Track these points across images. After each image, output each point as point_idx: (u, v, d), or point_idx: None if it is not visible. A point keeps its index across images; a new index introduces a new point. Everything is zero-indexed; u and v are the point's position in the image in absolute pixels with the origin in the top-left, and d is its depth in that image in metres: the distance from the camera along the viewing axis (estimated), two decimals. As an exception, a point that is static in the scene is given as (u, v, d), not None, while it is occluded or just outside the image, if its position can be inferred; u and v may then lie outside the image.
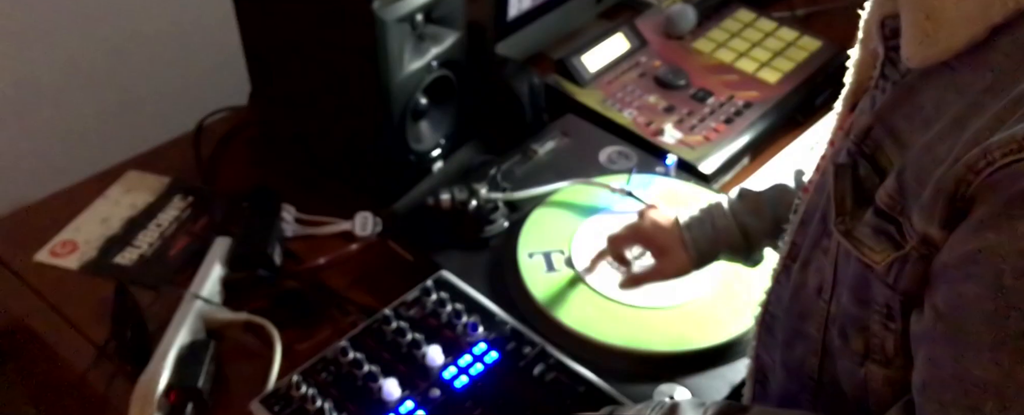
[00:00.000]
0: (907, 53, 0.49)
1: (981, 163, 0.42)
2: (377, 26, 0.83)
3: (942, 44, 0.47)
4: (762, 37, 1.20)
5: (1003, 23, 0.45)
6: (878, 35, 0.53)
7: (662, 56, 1.16)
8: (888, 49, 0.53)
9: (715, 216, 0.79)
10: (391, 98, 0.89)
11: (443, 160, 1.02)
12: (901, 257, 0.48)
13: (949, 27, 0.46)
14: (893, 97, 0.51)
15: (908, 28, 0.49)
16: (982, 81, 0.45)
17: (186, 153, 1.06)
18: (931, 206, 0.45)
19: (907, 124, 0.50)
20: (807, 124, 1.12)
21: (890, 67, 0.53)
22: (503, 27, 1.08)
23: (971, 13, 0.45)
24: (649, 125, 1.06)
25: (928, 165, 0.46)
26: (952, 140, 0.45)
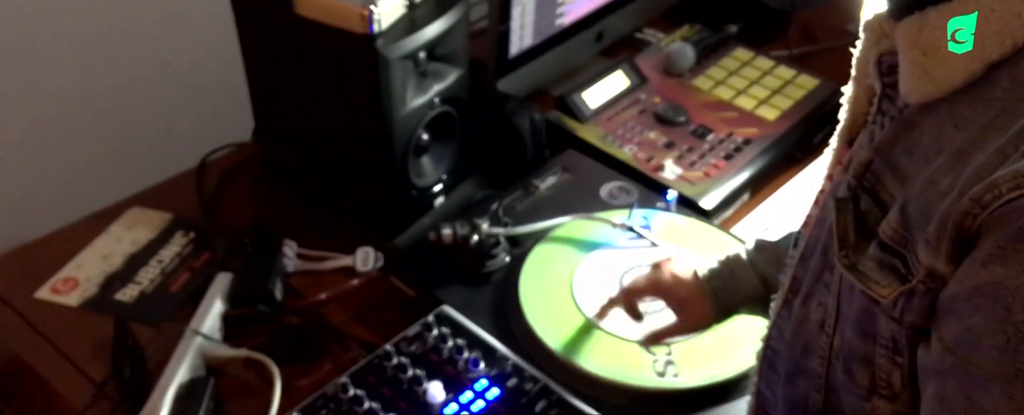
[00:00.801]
0: (906, 89, 0.50)
1: (987, 197, 0.42)
2: (380, 64, 0.84)
3: (941, 81, 0.47)
4: (760, 75, 1.22)
5: (1001, 60, 0.45)
6: (875, 71, 0.54)
7: (662, 93, 1.17)
8: (885, 85, 0.53)
9: (735, 268, 0.78)
10: (393, 134, 0.90)
11: (445, 195, 1.02)
12: (908, 291, 0.48)
13: (947, 64, 0.47)
14: (892, 132, 0.52)
15: (906, 65, 0.49)
16: (982, 116, 0.45)
17: (189, 189, 1.06)
18: (937, 240, 0.45)
19: (907, 158, 0.50)
20: (806, 161, 1.12)
21: (887, 102, 0.54)
22: (504, 64, 1.10)
23: (968, 51, 0.46)
24: (649, 161, 1.07)
25: (932, 199, 0.46)
26: (954, 174, 0.45)
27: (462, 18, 0.91)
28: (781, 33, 1.34)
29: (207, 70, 1.40)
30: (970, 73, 0.46)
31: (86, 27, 1.29)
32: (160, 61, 1.39)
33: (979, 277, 0.42)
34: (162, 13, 1.36)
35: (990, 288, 0.42)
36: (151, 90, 1.40)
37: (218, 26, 1.07)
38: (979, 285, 0.42)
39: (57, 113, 1.32)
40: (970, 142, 0.45)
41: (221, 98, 1.25)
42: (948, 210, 0.44)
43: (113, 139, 1.39)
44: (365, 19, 0.83)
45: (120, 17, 1.32)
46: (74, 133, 1.35)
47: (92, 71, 1.33)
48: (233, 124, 1.12)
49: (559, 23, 1.16)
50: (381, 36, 0.84)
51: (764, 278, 0.77)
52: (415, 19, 0.88)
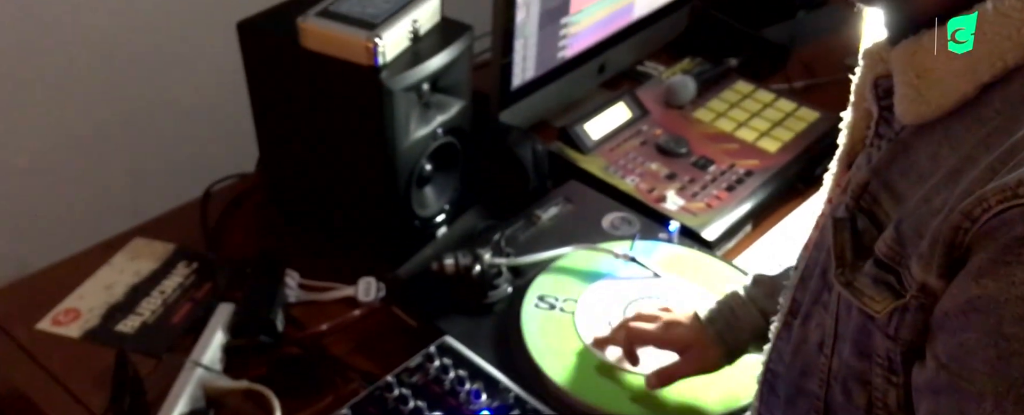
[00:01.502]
0: (900, 111, 0.51)
1: (977, 211, 0.42)
2: (384, 95, 0.85)
3: (934, 102, 0.48)
4: (761, 108, 1.23)
5: (993, 81, 0.46)
6: (871, 95, 0.55)
7: (663, 125, 1.18)
8: (882, 108, 0.54)
9: (734, 306, 0.78)
10: (397, 164, 0.90)
11: (447, 226, 1.03)
12: (901, 306, 0.48)
13: (940, 86, 0.48)
14: (889, 154, 0.53)
15: (900, 87, 0.50)
16: (975, 135, 0.46)
17: (193, 220, 1.07)
18: (929, 255, 0.45)
19: (903, 179, 0.51)
20: (808, 192, 1.12)
21: (884, 126, 0.54)
22: (507, 96, 1.11)
23: (961, 72, 0.47)
24: (651, 192, 1.07)
25: (925, 216, 0.47)
26: (948, 191, 0.46)
27: (465, 50, 0.93)
28: (781, 67, 1.35)
29: (212, 102, 1.41)
30: (963, 95, 0.47)
31: (93, 61, 1.31)
32: (166, 93, 1.40)
33: (971, 291, 0.43)
34: (168, 47, 1.38)
35: (982, 302, 0.42)
36: (157, 122, 1.42)
37: (224, 59, 1.09)
38: (971, 299, 0.43)
39: (62, 145, 1.33)
40: (963, 160, 0.46)
41: (226, 129, 1.26)
42: (940, 225, 0.44)
43: (118, 171, 1.40)
44: (370, 51, 0.84)
45: (127, 51, 1.34)
46: (79, 165, 1.36)
47: (98, 104, 1.35)
48: (237, 155, 1.13)
49: (561, 56, 1.17)
50: (386, 68, 0.85)
51: (764, 313, 0.77)
52: (419, 51, 0.89)
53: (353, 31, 0.84)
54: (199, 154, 1.33)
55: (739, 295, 0.79)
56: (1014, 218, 0.41)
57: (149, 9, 1.33)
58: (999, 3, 0.45)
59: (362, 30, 0.84)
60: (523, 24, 1.07)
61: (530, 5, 1.06)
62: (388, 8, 0.88)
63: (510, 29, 1.05)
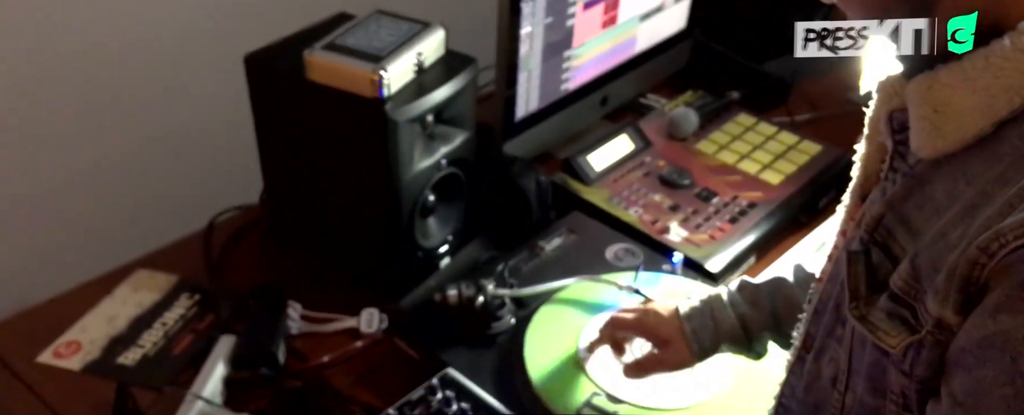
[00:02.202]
0: (917, 145, 0.51)
1: (994, 246, 0.42)
2: (389, 127, 0.85)
3: (951, 137, 0.48)
4: (763, 140, 1.23)
5: (1010, 117, 0.46)
6: (886, 128, 0.55)
7: (666, 156, 1.18)
8: (896, 142, 0.54)
9: (714, 308, 0.79)
10: (401, 195, 0.90)
11: (450, 256, 1.02)
12: (917, 342, 0.48)
13: (957, 120, 0.48)
14: (904, 187, 0.52)
15: (917, 121, 0.50)
16: (991, 171, 0.46)
17: (196, 251, 1.07)
18: (945, 290, 0.45)
19: (919, 213, 0.50)
20: (812, 225, 1.12)
21: (899, 159, 0.54)
22: (511, 128, 1.11)
23: (978, 108, 0.47)
24: (655, 223, 1.07)
25: (942, 251, 0.46)
26: (964, 226, 0.46)
27: (470, 83, 0.93)
28: (782, 101, 1.36)
29: (216, 134, 1.42)
30: (980, 130, 0.47)
31: (98, 94, 1.32)
32: (170, 126, 1.41)
33: (987, 328, 0.42)
34: (172, 80, 1.39)
35: (999, 339, 0.42)
36: (161, 154, 1.42)
37: (227, 92, 1.10)
38: (988, 336, 0.42)
39: (66, 178, 1.33)
40: (980, 195, 0.46)
41: (230, 161, 1.27)
42: (956, 260, 0.44)
43: (122, 202, 1.40)
44: (375, 84, 0.85)
45: (131, 84, 1.35)
46: (83, 197, 1.36)
47: (102, 137, 1.35)
48: (241, 187, 1.13)
49: (564, 88, 1.18)
50: (390, 100, 0.86)
51: (743, 319, 0.77)
52: (424, 83, 0.90)
53: (358, 64, 0.85)
54: (203, 186, 1.33)
55: (721, 298, 0.79)
56: None
57: (154, 44, 1.34)
58: (1016, 39, 0.46)
59: (367, 63, 0.85)
60: (527, 57, 1.08)
61: (533, 38, 1.07)
62: (393, 41, 0.89)
63: (514, 62, 1.06)
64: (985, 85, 0.46)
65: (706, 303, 0.79)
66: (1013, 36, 0.46)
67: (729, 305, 0.78)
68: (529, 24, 1.05)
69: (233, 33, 1.12)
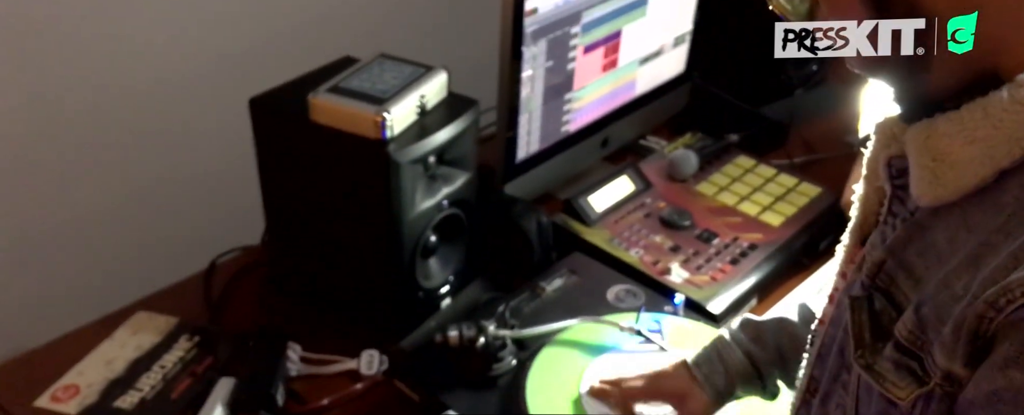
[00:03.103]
0: (917, 193, 0.50)
1: (1002, 301, 0.42)
2: (392, 168, 0.86)
3: (951, 186, 0.48)
4: (763, 182, 1.24)
5: (1011, 167, 0.46)
6: (885, 174, 0.55)
7: (666, 198, 1.19)
8: (895, 188, 0.54)
9: (721, 349, 0.78)
10: (402, 236, 0.91)
11: (451, 297, 1.02)
12: (926, 394, 0.47)
13: (957, 169, 0.48)
14: (905, 234, 0.52)
15: (916, 170, 0.50)
16: (993, 221, 0.46)
17: (197, 293, 1.07)
18: (953, 343, 0.45)
19: (920, 260, 0.50)
20: (813, 267, 1.12)
21: (898, 204, 0.54)
22: (512, 169, 1.12)
23: (978, 158, 0.47)
24: (656, 264, 1.07)
25: (947, 301, 0.46)
26: (969, 277, 0.45)
27: (471, 124, 0.95)
28: (781, 143, 1.37)
29: (218, 176, 1.43)
30: (981, 179, 0.47)
31: (100, 136, 1.33)
32: (172, 168, 1.42)
33: (997, 382, 0.42)
34: (179, 122, 1.41)
35: (1008, 394, 0.41)
36: (163, 196, 1.43)
37: (231, 135, 1.11)
38: (997, 390, 0.42)
39: (68, 220, 1.34)
40: (983, 246, 0.46)
41: (232, 202, 1.27)
42: (963, 313, 0.44)
43: (124, 244, 1.40)
44: (378, 125, 0.86)
45: (133, 126, 1.36)
46: (85, 239, 1.36)
47: (104, 179, 1.36)
48: (242, 227, 1.13)
49: (565, 130, 1.19)
50: (393, 141, 0.87)
51: (750, 355, 0.76)
52: (426, 125, 0.91)
53: (362, 106, 0.86)
54: (204, 227, 1.34)
55: (725, 338, 0.79)
56: None
57: (158, 88, 1.36)
58: (1015, 91, 0.46)
59: (371, 105, 0.86)
60: (528, 99, 1.09)
61: (534, 81, 1.09)
62: (397, 84, 0.90)
63: (515, 104, 1.07)
64: (984, 135, 0.47)
65: (712, 346, 0.79)
66: (1011, 88, 0.46)
67: (734, 343, 0.78)
68: (530, 67, 1.07)
69: (238, 78, 1.14)
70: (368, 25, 1.57)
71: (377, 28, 1.58)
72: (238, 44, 1.42)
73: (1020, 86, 0.46)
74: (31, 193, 1.30)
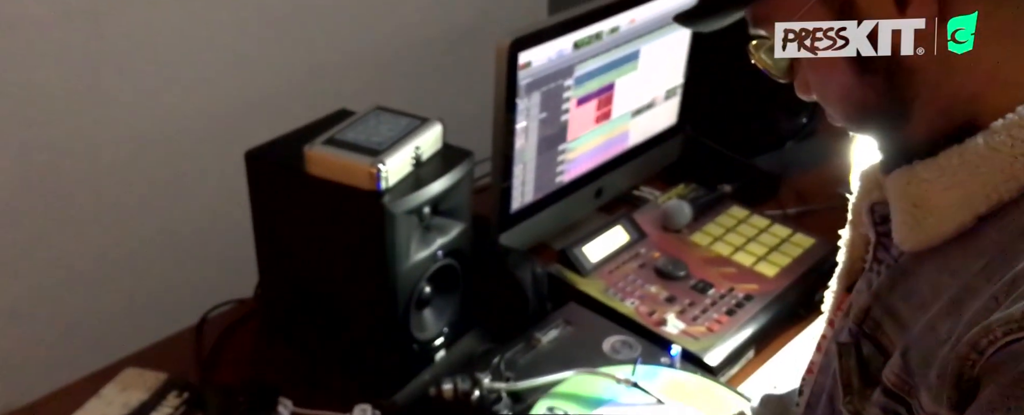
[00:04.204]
0: (899, 238, 0.51)
1: (983, 342, 0.42)
2: (387, 218, 0.86)
3: (932, 231, 0.49)
4: (757, 232, 1.24)
5: (988, 213, 0.47)
6: (868, 220, 0.56)
7: (661, 248, 1.19)
8: (879, 234, 0.55)
9: None
10: (396, 287, 0.90)
11: (446, 349, 1.01)
12: None
13: (937, 215, 0.49)
14: (889, 279, 0.53)
15: (898, 215, 0.51)
16: (974, 264, 0.47)
17: (188, 347, 1.05)
18: (939, 387, 0.45)
19: (905, 305, 0.51)
20: (809, 318, 1.12)
21: (882, 250, 0.55)
22: (506, 219, 1.12)
23: (957, 203, 0.48)
24: (652, 315, 1.06)
25: (932, 345, 0.46)
26: (952, 321, 0.46)
27: (466, 175, 0.95)
28: (773, 194, 1.38)
29: (210, 229, 1.43)
30: (960, 224, 0.48)
31: (94, 191, 1.34)
32: (164, 222, 1.42)
33: None
34: (170, 177, 1.41)
35: None
36: (154, 250, 1.42)
37: (223, 188, 1.11)
38: None
39: (59, 275, 1.33)
40: (964, 290, 0.46)
41: (224, 256, 1.27)
42: (947, 357, 0.44)
43: (114, 298, 1.39)
44: (373, 176, 0.86)
45: (130, 181, 1.37)
46: (75, 294, 1.35)
47: (96, 233, 1.35)
48: (235, 281, 1.13)
49: (559, 180, 1.20)
50: (388, 192, 0.87)
51: None
52: (421, 176, 0.91)
53: (357, 157, 0.87)
54: (196, 280, 1.33)
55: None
56: (1021, 351, 0.41)
57: (147, 141, 1.37)
58: (989, 138, 0.47)
59: (366, 156, 0.87)
60: (522, 150, 1.10)
61: (529, 132, 1.10)
62: (392, 136, 0.91)
63: (509, 155, 1.08)
64: (962, 181, 0.48)
65: None
66: (986, 135, 0.47)
67: None
68: (524, 119, 1.08)
69: (232, 132, 1.15)
70: (364, 78, 1.60)
71: (373, 81, 1.61)
72: (233, 99, 1.44)
73: (994, 133, 0.47)
74: (18, 248, 1.29)
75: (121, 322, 1.34)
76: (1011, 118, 0.47)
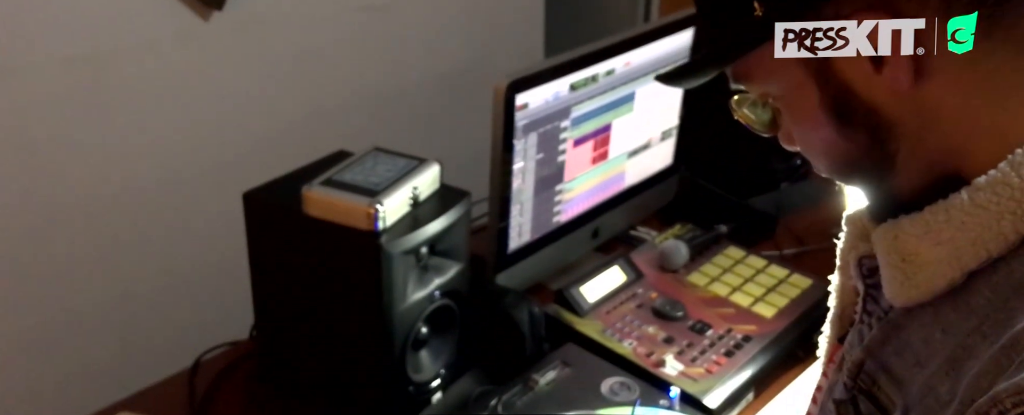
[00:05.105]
0: (889, 294, 0.51)
1: (993, 412, 0.41)
2: (384, 259, 0.86)
3: (923, 287, 0.49)
4: (754, 273, 1.24)
5: (978, 269, 0.47)
6: (857, 273, 0.55)
7: (658, 288, 1.19)
8: (868, 286, 0.55)
9: None
10: (393, 327, 0.90)
11: (442, 391, 1.00)
12: None
13: (927, 270, 0.48)
14: (881, 334, 0.52)
15: (887, 270, 0.51)
16: (968, 322, 0.46)
17: (182, 391, 1.04)
18: None
19: (899, 361, 0.50)
20: (808, 360, 1.11)
21: (872, 303, 0.55)
22: (504, 259, 1.12)
23: (946, 259, 0.47)
24: (650, 356, 1.06)
25: (933, 407, 0.46)
26: (952, 382, 0.45)
27: (463, 215, 0.95)
28: (769, 235, 1.39)
29: (206, 272, 1.42)
30: (950, 280, 0.48)
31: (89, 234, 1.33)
32: (159, 264, 1.41)
33: None
34: (164, 221, 1.41)
35: None
36: (149, 293, 1.41)
37: (219, 229, 1.11)
38: None
39: (52, 319, 1.32)
40: (961, 349, 0.46)
41: (218, 298, 1.26)
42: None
43: (108, 342, 1.38)
44: (371, 217, 0.86)
45: (126, 226, 1.36)
46: (69, 339, 1.34)
47: (91, 277, 1.34)
48: (229, 323, 1.12)
49: (556, 220, 1.20)
50: (385, 232, 0.87)
51: None
52: (418, 216, 0.91)
53: (355, 198, 0.87)
54: (190, 323, 1.32)
55: None
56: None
57: (141, 186, 1.37)
58: (974, 195, 0.47)
59: (363, 197, 0.87)
60: (519, 190, 1.11)
61: (526, 173, 1.11)
62: (390, 176, 0.91)
63: (506, 195, 1.09)
64: (950, 237, 0.47)
65: None
66: (970, 191, 0.47)
67: None
68: (521, 159, 1.09)
69: (229, 175, 1.15)
70: (362, 120, 1.61)
71: (371, 123, 1.62)
72: (231, 142, 1.45)
73: (978, 190, 0.47)
74: (13, 292, 1.28)
75: (115, 365, 1.32)
76: (994, 174, 0.46)
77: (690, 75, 0.56)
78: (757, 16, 0.49)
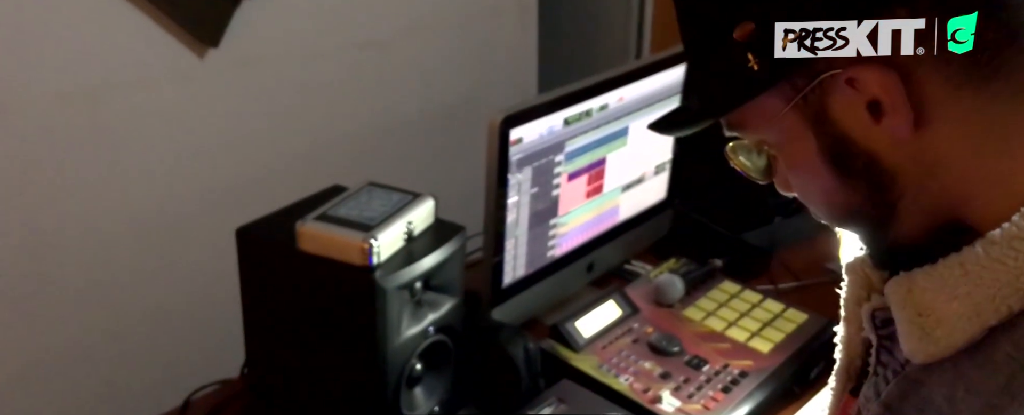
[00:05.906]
0: (908, 350, 0.50)
1: None
2: (378, 293, 0.86)
3: (942, 343, 0.48)
4: (749, 308, 1.23)
5: (999, 325, 0.46)
6: (869, 325, 0.54)
7: (654, 323, 1.18)
8: (881, 338, 0.54)
9: None
10: (387, 364, 0.89)
11: (437, 429, 0.99)
12: None
13: (946, 326, 0.47)
14: (899, 389, 0.51)
15: (903, 325, 0.50)
16: (993, 381, 0.45)
17: (170, 430, 1.02)
18: None
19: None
20: (805, 397, 1.10)
21: (886, 354, 0.54)
22: (498, 294, 1.12)
23: (964, 314, 0.47)
24: (646, 392, 1.04)
25: None
26: None
27: (458, 250, 0.95)
28: (764, 269, 1.38)
29: (197, 309, 1.40)
30: (970, 336, 0.47)
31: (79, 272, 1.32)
32: (149, 302, 1.39)
33: None
34: (156, 256, 1.39)
35: None
36: (141, 332, 1.39)
37: (210, 266, 1.10)
38: None
39: (39, 358, 1.29)
40: (988, 408, 0.45)
41: (209, 336, 1.25)
42: None
43: (98, 381, 1.35)
44: (365, 252, 0.86)
45: (117, 263, 1.35)
46: (56, 378, 1.31)
47: (78, 314, 1.32)
48: (220, 361, 1.11)
49: (551, 255, 1.20)
50: (380, 267, 0.87)
51: None
52: (412, 251, 0.91)
53: (349, 233, 0.87)
54: (180, 361, 1.30)
55: None
56: None
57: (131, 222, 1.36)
58: (990, 249, 0.46)
59: (358, 231, 0.87)
60: (514, 225, 1.11)
61: (520, 207, 1.11)
62: (384, 211, 0.91)
63: (501, 230, 1.08)
64: (967, 292, 0.47)
65: None
66: (985, 245, 0.46)
67: None
68: (516, 194, 1.09)
69: (222, 211, 1.14)
70: (356, 155, 1.61)
71: (365, 158, 1.62)
72: (225, 178, 1.44)
73: (995, 244, 0.46)
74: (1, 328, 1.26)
75: (104, 404, 1.30)
76: (1009, 228, 0.46)
77: (684, 125, 0.56)
78: (752, 69, 0.48)
